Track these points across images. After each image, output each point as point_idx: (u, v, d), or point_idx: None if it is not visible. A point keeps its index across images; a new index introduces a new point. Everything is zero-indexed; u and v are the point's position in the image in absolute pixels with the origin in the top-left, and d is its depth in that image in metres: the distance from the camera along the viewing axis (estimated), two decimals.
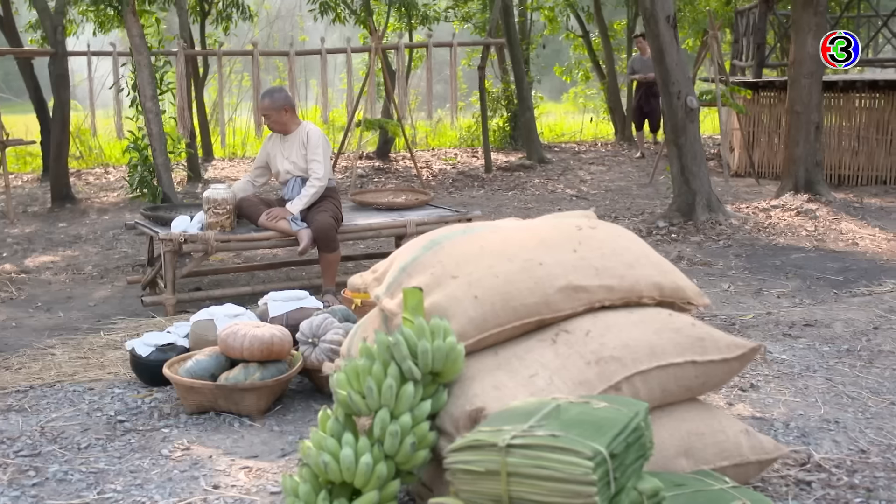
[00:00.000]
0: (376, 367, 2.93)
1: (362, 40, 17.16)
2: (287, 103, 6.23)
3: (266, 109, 6.17)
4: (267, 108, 6.16)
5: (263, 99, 6.22)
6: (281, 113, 6.18)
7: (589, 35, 18.67)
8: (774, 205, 8.95)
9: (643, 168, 13.63)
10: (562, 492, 2.28)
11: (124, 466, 3.44)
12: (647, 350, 3.13)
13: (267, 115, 6.19)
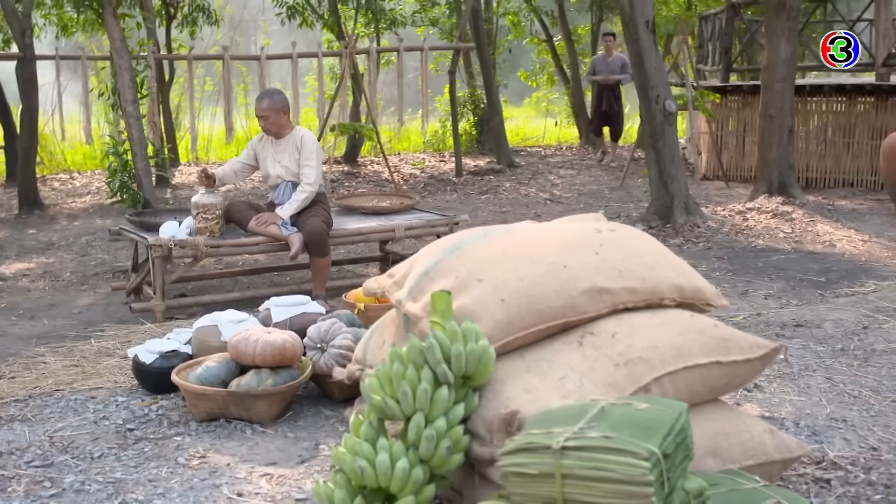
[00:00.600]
0: (410, 371, 2.91)
1: (326, 45, 17.12)
2: (285, 106, 6.19)
3: (265, 111, 6.10)
4: (266, 109, 6.10)
5: (262, 101, 6.15)
6: (280, 115, 6.13)
7: (552, 39, 18.76)
8: (750, 207, 9.06)
9: (612, 171, 13.73)
10: (618, 493, 2.29)
11: (142, 476, 3.38)
12: (673, 351, 3.15)
13: (265, 117, 6.12)
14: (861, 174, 11.18)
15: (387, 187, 11.87)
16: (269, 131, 6.20)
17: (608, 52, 13.91)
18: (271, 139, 6.25)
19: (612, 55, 13.86)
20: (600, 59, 14.10)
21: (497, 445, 2.92)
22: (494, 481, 2.95)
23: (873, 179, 11.08)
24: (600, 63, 14.02)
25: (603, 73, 13.81)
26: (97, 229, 9.29)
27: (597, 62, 14.19)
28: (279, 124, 6.15)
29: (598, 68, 14.00)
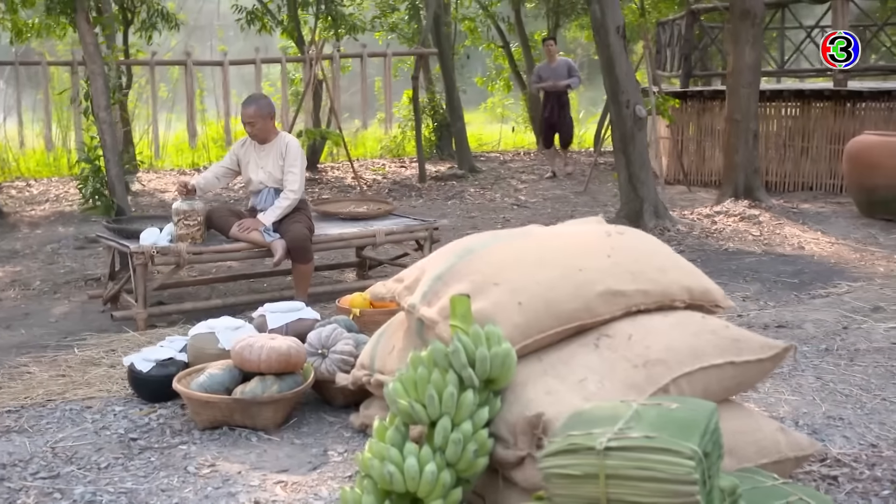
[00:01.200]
0: (435, 375, 2.91)
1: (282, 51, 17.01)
2: (272, 111, 6.14)
3: (252, 117, 6.04)
4: (253, 115, 6.04)
5: (248, 106, 6.09)
6: (266, 121, 6.08)
7: (509, 45, 18.86)
8: (718, 210, 9.20)
9: (575, 176, 13.83)
10: (664, 492, 2.31)
11: (153, 486, 3.33)
12: (689, 352, 3.19)
13: (252, 123, 6.06)
14: (820, 178, 11.40)
15: (350, 193, 11.83)
16: (255, 137, 6.14)
17: (550, 57, 13.19)
18: (255, 144, 6.20)
19: (556, 60, 13.20)
20: (544, 66, 13.34)
21: (521, 448, 2.94)
22: (518, 484, 2.97)
23: (832, 183, 11.30)
24: (545, 70, 13.24)
25: (549, 80, 13.04)
26: (61, 237, 9.14)
27: (541, 69, 13.42)
28: (265, 130, 6.11)
29: (544, 75, 13.20)
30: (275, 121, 6.21)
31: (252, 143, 6.21)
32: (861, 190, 9.00)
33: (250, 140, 6.22)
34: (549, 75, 13.02)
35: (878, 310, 5.90)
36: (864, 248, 7.83)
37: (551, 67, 13.04)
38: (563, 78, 12.93)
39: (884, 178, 8.72)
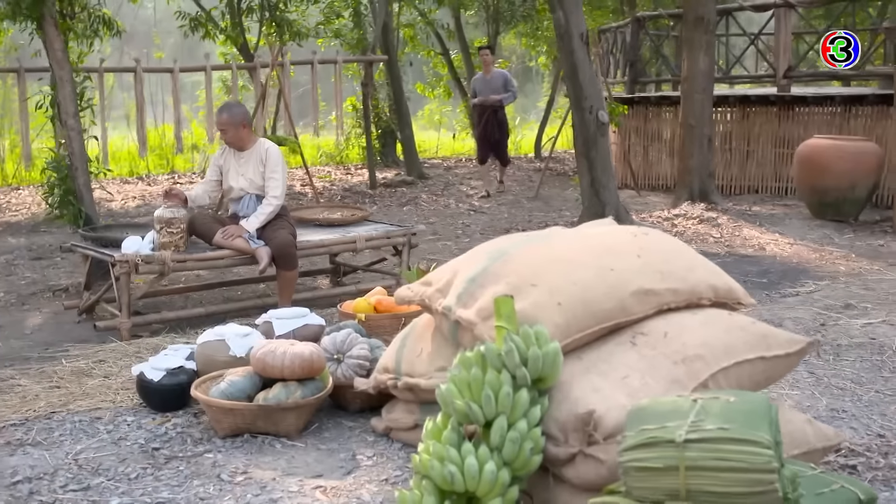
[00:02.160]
0: (490, 375, 2.95)
1: (221, 57, 16.84)
2: (245, 119, 6.11)
3: (224, 124, 6.02)
4: (225, 123, 6.02)
5: (221, 114, 6.07)
6: (239, 128, 6.05)
7: (449, 52, 18.96)
8: (676, 214, 9.39)
9: (522, 182, 13.98)
10: (743, 481, 2.38)
11: (190, 494, 3.30)
12: (723, 348, 3.28)
13: (224, 131, 6.04)
14: (766, 181, 11.71)
15: (302, 200, 11.77)
16: (230, 144, 6.12)
17: (486, 68, 12.38)
18: (234, 152, 6.16)
19: (492, 72, 12.37)
20: (479, 79, 12.51)
21: (572, 445, 2.99)
22: (570, 481, 3.02)
23: (777, 186, 11.62)
24: (479, 83, 12.42)
25: (483, 94, 12.17)
26: (13, 248, 8.90)
27: (476, 83, 12.58)
28: (239, 137, 6.08)
29: (478, 89, 12.36)
30: (249, 128, 6.17)
31: (231, 151, 6.18)
32: (812, 192, 9.28)
33: (229, 148, 6.18)
34: (483, 88, 12.28)
35: (849, 307, 6.09)
36: (822, 248, 8.08)
37: (486, 80, 12.32)
38: (498, 91, 12.19)
39: (834, 181, 9.01)
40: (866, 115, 10.67)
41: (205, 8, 14.47)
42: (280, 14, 14.10)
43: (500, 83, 12.16)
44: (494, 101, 11.99)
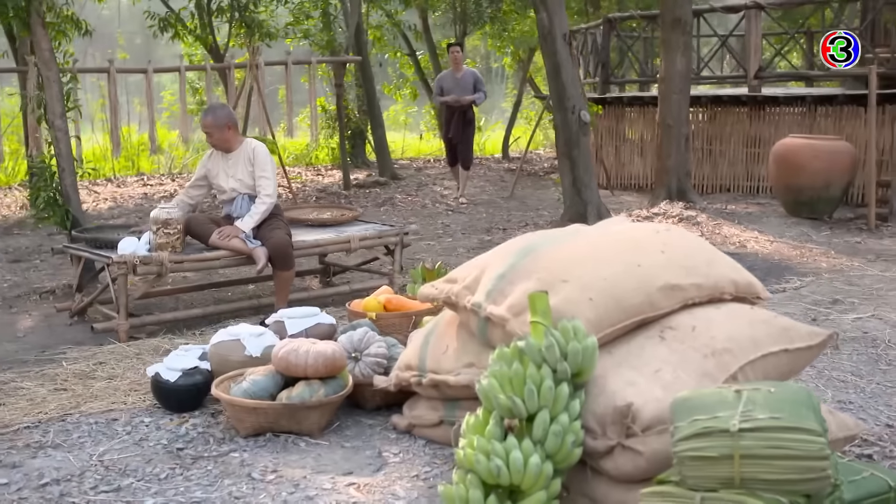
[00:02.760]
0: (531, 370, 2.98)
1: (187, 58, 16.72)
2: (230, 120, 6.10)
3: (209, 127, 6.03)
4: (210, 125, 6.02)
5: (206, 117, 6.07)
6: (224, 130, 6.05)
7: (416, 53, 18.98)
8: (655, 212, 9.49)
9: (495, 182, 14.05)
10: (796, 468, 2.44)
11: (224, 493, 3.29)
12: (749, 341, 3.35)
13: (209, 133, 6.05)
14: (737, 180, 11.89)
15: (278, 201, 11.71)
16: (216, 146, 6.13)
17: (456, 66, 11.62)
18: (221, 154, 6.16)
19: (462, 70, 11.63)
20: (448, 77, 11.74)
21: (611, 438, 3.04)
22: (608, 472, 3.06)
23: (749, 185, 11.80)
24: (448, 80, 11.65)
25: (454, 94, 11.44)
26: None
27: (444, 80, 11.77)
28: (224, 139, 6.08)
29: (447, 87, 11.59)
30: (235, 129, 6.15)
31: (218, 153, 6.18)
32: (788, 191, 9.45)
33: (216, 151, 6.18)
34: (453, 87, 11.53)
35: (836, 302, 6.22)
36: (802, 246, 8.23)
37: (456, 78, 11.58)
38: (468, 91, 11.47)
39: (809, 180, 9.18)
40: (836, 114, 10.89)
41: (173, 9, 14.37)
42: (250, 15, 14.05)
43: (471, 82, 11.56)
44: (468, 101, 11.39)
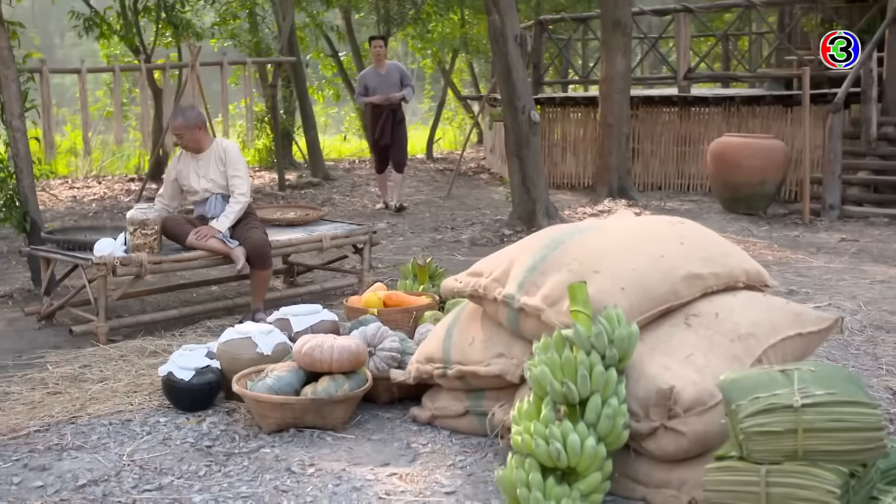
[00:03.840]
0: (582, 356, 3.10)
1: (105, 59, 16.40)
2: (200, 121, 6.07)
3: (179, 129, 5.98)
4: (180, 127, 5.98)
5: (175, 118, 6.04)
6: (195, 131, 6.01)
7: (338, 55, 18.95)
8: (601, 209, 9.74)
9: (427, 182, 14.14)
10: (856, 440, 2.61)
11: (269, 488, 3.32)
12: (769, 326, 3.54)
13: (180, 135, 6.00)
14: (668, 178, 12.24)
15: None
16: (187, 148, 6.08)
17: (378, 61, 10.73)
18: (191, 155, 6.12)
19: (386, 65, 10.74)
20: (371, 74, 10.80)
21: (654, 419, 3.18)
22: (651, 453, 3.20)
23: (679, 182, 12.17)
24: (372, 78, 10.73)
25: (380, 92, 10.59)
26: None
27: (368, 78, 10.83)
28: (196, 139, 6.05)
29: (372, 85, 10.68)
30: (205, 130, 6.13)
31: (187, 154, 6.13)
32: (725, 188, 9.80)
33: (185, 152, 6.14)
34: (378, 85, 10.64)
35: (792, 293, 6.52)
36: (746, 240, 8.55)
37: (380, 75, 10.67)
38: (395, 87, 10.65)
39: (746, 177, 9.54)
40: (763, 114, 11.33)
41: (94, 7, 14.06)
42: (177, 15, 13.84)
43: (397, 78, 10.66)
44: (397, 99, 10.53)
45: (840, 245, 8.30)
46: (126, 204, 12.22)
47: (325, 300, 6.56)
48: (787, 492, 2.64)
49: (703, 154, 11.86)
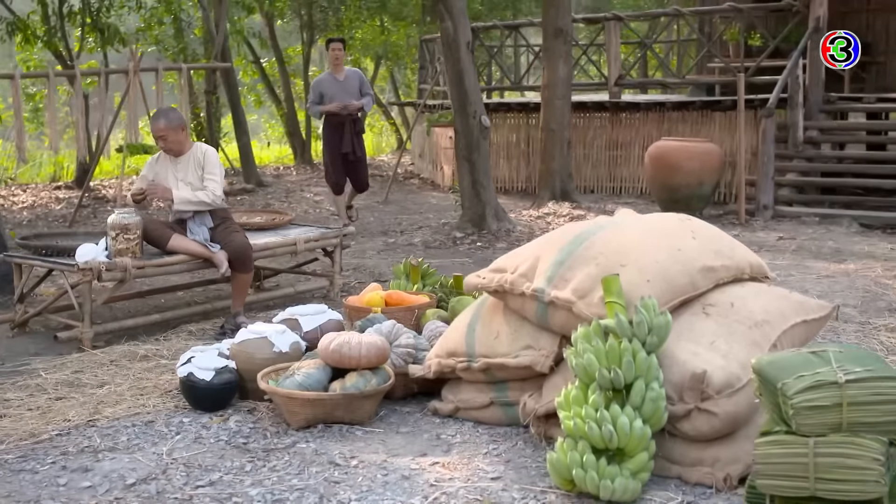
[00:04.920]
0: (625, 344, 3.29)
1: (22, 66, 16.01)
2: (182, 123, 6.09)
3: (162, 131, 5.98)
4: (163, 129, 5.98)
5: (158, 121, 6.02)
6: (178, 132, 6.03)
7: (260, 61, 18.89)
8: (546, 212, 10.01)
9: None
10: (894, 412, 2.86)
11: (320, 479, 3.41)
12: (779, 314, 3.80)
13: (163, 137, 5.99)
14: (601, 181, 12.61)
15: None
16: (169, 150, 6.08)
17: (336, 66, 9.64)
18: (170, 158, 6.12)
19: (344, 71, 9.71)
20: (328, 80, 9.64)
21: (688, 402, 3.38)
22: (686, 434, 3.41)
23: (612, 185, 12.55)
24: (330, 85, 9.57)
25: (337, 100, 9.41)
26: None
27: (324, 84, 9.63)
28: (179, 141, 6.06)
29: (330, 92, 9.50)
30: (186, 132, 6.16)
31: (166, 157, 6.13)
32: (664, 189, 10.17)
33: (164, 154, 6.14)
34: (336, 92, 9.48)
35: None
36: None
37: (339, 81, 9.58)
38: (354, 96, 9.53)
39: (684, 179, 9.92)
40: (692, 119, 11.79)
41: (14, 12, 13.75)
42: (102, 20, 13.65)
43: (356, 85, 9.65)
44: (355, 108, 9.49)
45: (779, 243, 8.72)
46: (58, 212, 12.01)
47: (298, 303, 6.63)
48: (834, 461, 2.86)
49: (634, 158, 12.28)
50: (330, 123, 9.60)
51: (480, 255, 8.25)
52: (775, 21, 12.94)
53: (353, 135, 9.57)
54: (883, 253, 8.11)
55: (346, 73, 9.72)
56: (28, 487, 3.41)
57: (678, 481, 3.39)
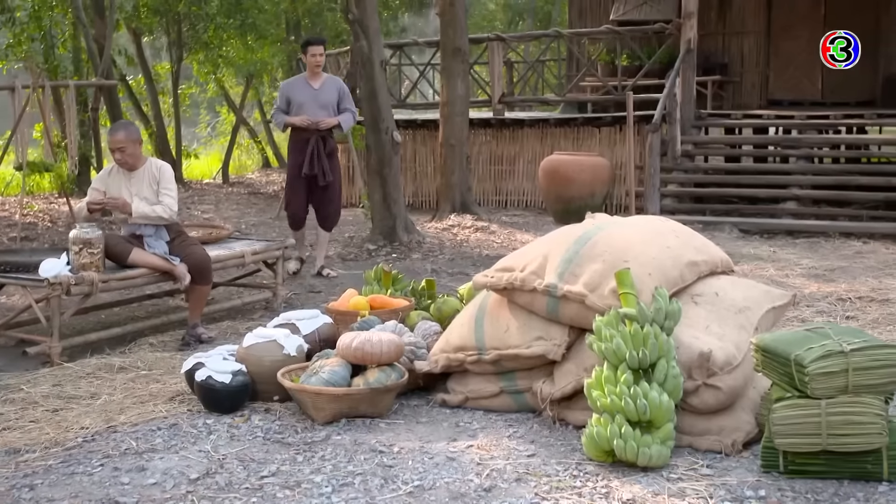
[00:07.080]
0: (647, 328, 3.71)
1: None
2: (139, 137, 6.18)
3: (121, 143, 6.04)
4: (122, 141, 6.04)
5: (117, 132, 6.09)
6: (136, 146, 6.11)
7: (126, 78, 18.52)
8: (450, 224, 10.41)
9: (245, 205, 14.27)
10: (890, 374, 3.39)
11: (373, 465, 3.66)
12: (754, 301, 4.32)
13: (122, 149, 6.04)
14: (486, 195, 13.12)
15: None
16: (124, 164, 6.13)
17: (315, 73, 8.08)
18: (123, 172, 6.18)
19: (322, 77, 8.16)
20: (300, 86, 8.10)
21: (696, 379, 3.84)
22: (695, 407, 3.86)
23: (497, 199, 13.10)
24: (301, 91, 8.03)
25: (307, 111, 7.93)
26: None
27: (294, 90, 8.08)
28: (136, 155, 6.14)
29: (299, 100, 7.98)
30: (141, 146, 6.25)
31: (120, 171, 6.19)
32: (558, 200, 10.77)
33: (117, 168, 6.20)
34: (307, 101, 7.97)
35: None
36: None
37: (312, 89, 8.04)
38: (329, 109, 8.05)
39: (577, 190, 10.56)
40: (573, 135, 12.50)
41: None
42: None
43: (334, 97, 8.11)
44: (328, 125, 8.02)
45: None
46: None
47: (242, 315, 6.81)
48: (843, 419, 3.38)
49: (519, 172, 12.87)
50: (294, 139, 8.13)
51: (401, 265, 8.55)
52: (640, 42, 13.82)
53: (320, 155, 7.97)
54: (768, 255, 8.91)
55: (323, 81, 8.14)
56: (92, 488, 3.52)
57: (690, 449, 3.83)
